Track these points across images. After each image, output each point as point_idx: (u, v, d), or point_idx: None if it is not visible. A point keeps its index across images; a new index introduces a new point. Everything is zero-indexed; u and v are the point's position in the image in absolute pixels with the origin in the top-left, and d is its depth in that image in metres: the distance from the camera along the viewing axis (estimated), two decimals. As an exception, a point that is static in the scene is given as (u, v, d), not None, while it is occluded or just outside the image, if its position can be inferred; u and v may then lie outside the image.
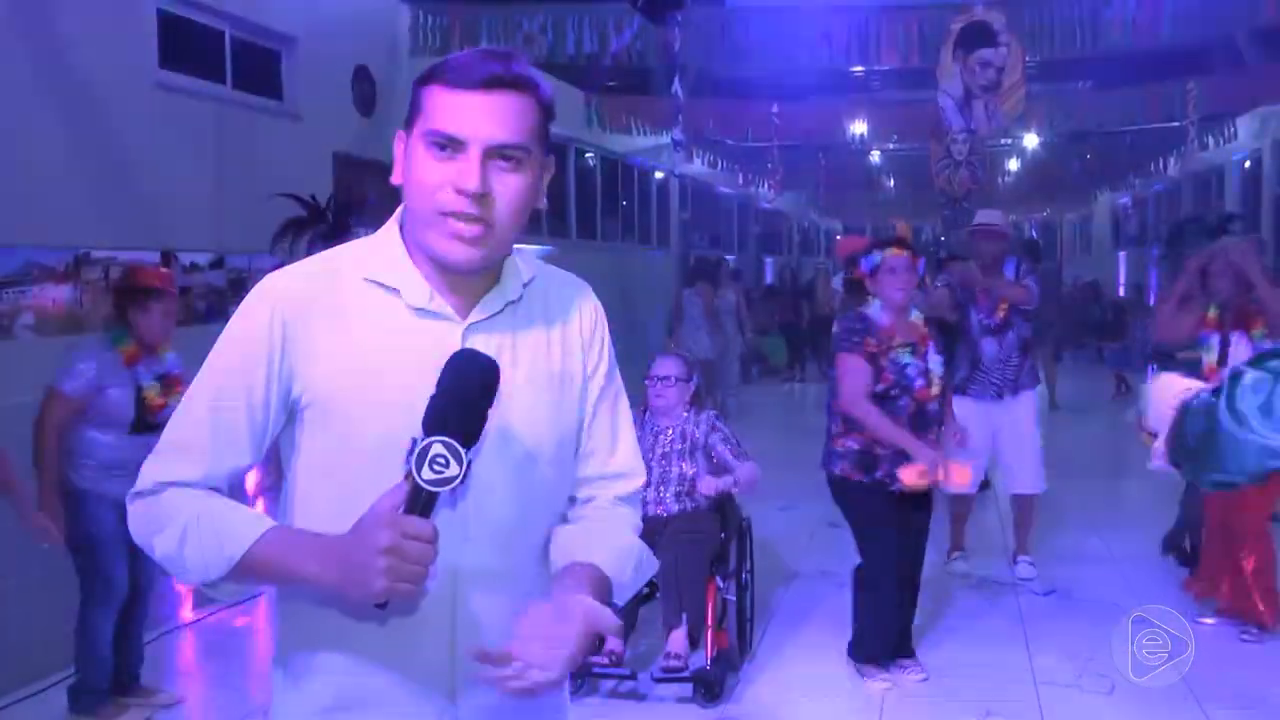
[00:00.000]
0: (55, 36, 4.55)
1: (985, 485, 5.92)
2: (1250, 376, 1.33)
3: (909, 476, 3.90)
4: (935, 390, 4.07)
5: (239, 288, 5.54)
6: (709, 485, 4.24)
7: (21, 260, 4.34)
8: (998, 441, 5.47)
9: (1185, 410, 1.44)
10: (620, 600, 1.48)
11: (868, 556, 4.09)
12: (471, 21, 7.76)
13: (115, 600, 3.82)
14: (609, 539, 1.50)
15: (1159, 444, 1.52)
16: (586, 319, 1.55)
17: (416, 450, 1.24)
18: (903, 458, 3.93)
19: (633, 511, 1.58)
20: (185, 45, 5.56)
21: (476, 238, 1.35)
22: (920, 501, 4.11)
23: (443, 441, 1.24)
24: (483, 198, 1.34)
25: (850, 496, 4.12)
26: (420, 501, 1.25)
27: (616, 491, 1.57)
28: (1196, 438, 1.40)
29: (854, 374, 3.94)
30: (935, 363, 4.08)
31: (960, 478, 4.05)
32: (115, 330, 3.76)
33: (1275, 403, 1.29)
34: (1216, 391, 1.39)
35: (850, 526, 4.20)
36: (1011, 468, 5.54)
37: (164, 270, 4.35)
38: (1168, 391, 1.53)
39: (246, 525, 1.33)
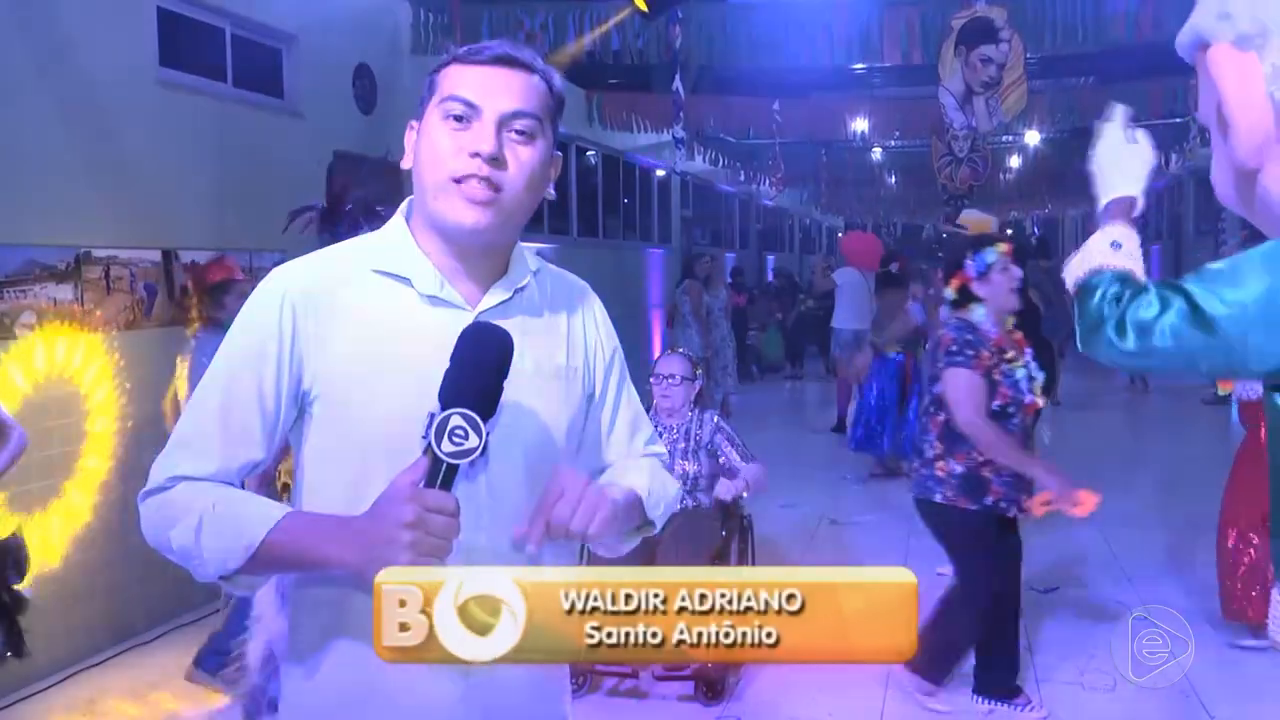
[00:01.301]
0: (55, 35, 4.55)
1: None
2: (1150, 297, 1.39)
3: (1037, 507, 3.57)
4: (1041, 401, 3.79)
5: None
6: (726, 491, 4.25)
7: (22, 259, 4.33)
8: None
9: (1099, 282, 1.49)
10: (654, 514, 1.54)
11: (975, 586, 3.77)
12: (473, 19, 7.75)
13: None
14: (617, 469, 1.58)
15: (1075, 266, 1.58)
16: (590, 316, 1.58)
17: (435, 423, 1.24)
18: (1014, 477, 3.64)
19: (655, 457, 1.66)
20: (186, 43, 5.55)
21: (488, 201, 1.36)
22: (1011, 522, 3.84)
23: (461, 413, 1.24)
24: (496, 160, 1.36)
25: (955, 525, 3.76)
26: (440, 475, 1.25)
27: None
28: (1088, 316, 1.48)
29: (972, 391, 3.59)
30: (1034, 368, 3.80)
31: (1088, 504, 3.53)
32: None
33: (1157, 328, 1.36)
34: (1120, 294, 1.44)
35: (952, 556, 3.90)
36: None
37: (225, 262, 4.42)
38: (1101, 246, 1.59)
39: (263, 512, 1.33)
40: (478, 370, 1.28)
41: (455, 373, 1.28)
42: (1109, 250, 1.56)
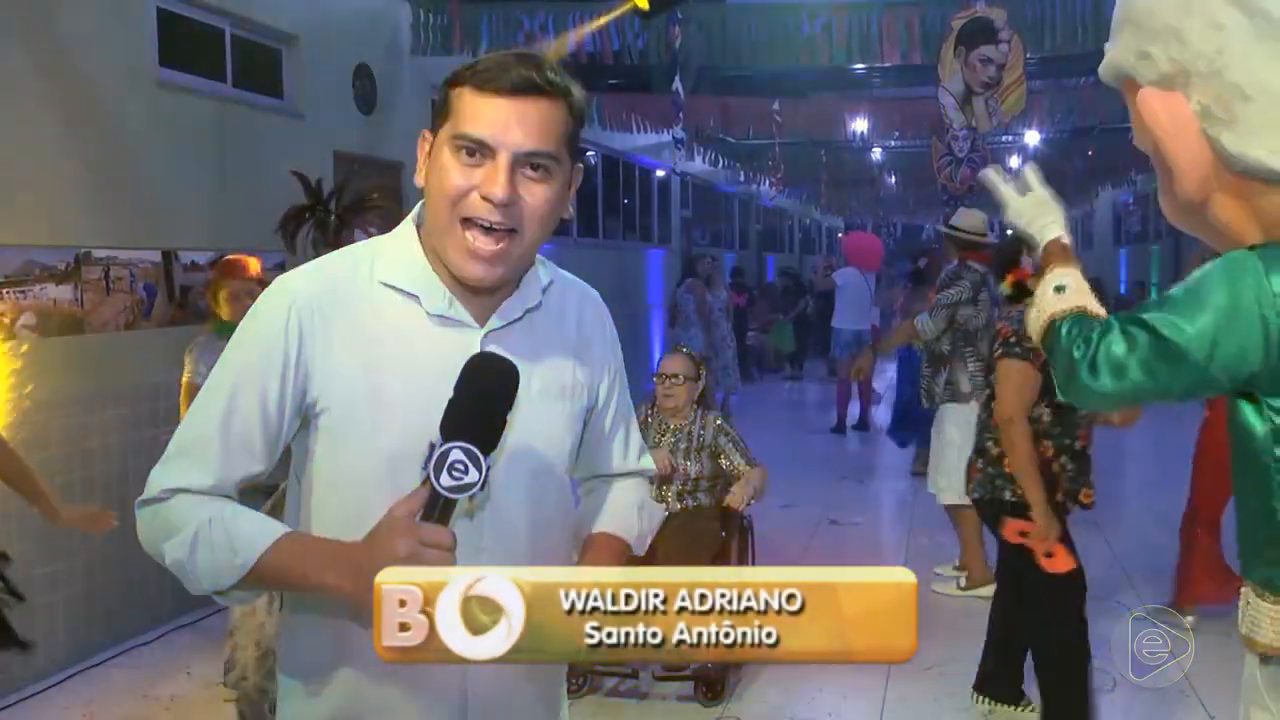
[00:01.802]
0: (55, 35, 4.55)
1: None
2: (1115, 335, 1.45)
3: (1010, 531, 3.39)
4: None
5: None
6: (739, 500, 4.25)
7: (22, 260, 4.33)
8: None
9: (1059, 330, 1.57)
10: (640, 550, 1.57)
11: (1051, 596, 3.45)
12: (472, 20, 7.75)
13: None
14: (609, 503, 1.57)
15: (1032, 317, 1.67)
16: (600, 328, 1.56)
17: (435, 456, 1.22)
18: (1076, 470, 3.44)
19: (638, 479, 1.64)
20: (185, 43, 5.55)
21: (496, 255, 1.33)
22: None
23: (462, 447, 1.22)
24: (509, 206, 1.32)
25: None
26: (438, 508, 1.23)
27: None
28: (1060, 363, 1.54)
29: (1022, 385, 3.40)
30: None
31: (1057, 564, 3.33)
32: (220, 324, 4.07)
33: (1129, 365, 1.43)
34: (1088, 335, 1.49)
35: (1019, 557, 3.53)
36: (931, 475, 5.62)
37: (238, 260, 4.29)
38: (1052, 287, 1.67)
39: (259, 531, 1.31)
40: (481, 403, 1.26)
41: (458, 405, 1.25)
42: (1055, 297, 1.63)
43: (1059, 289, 1.64)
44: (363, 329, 1.37)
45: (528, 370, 1.34)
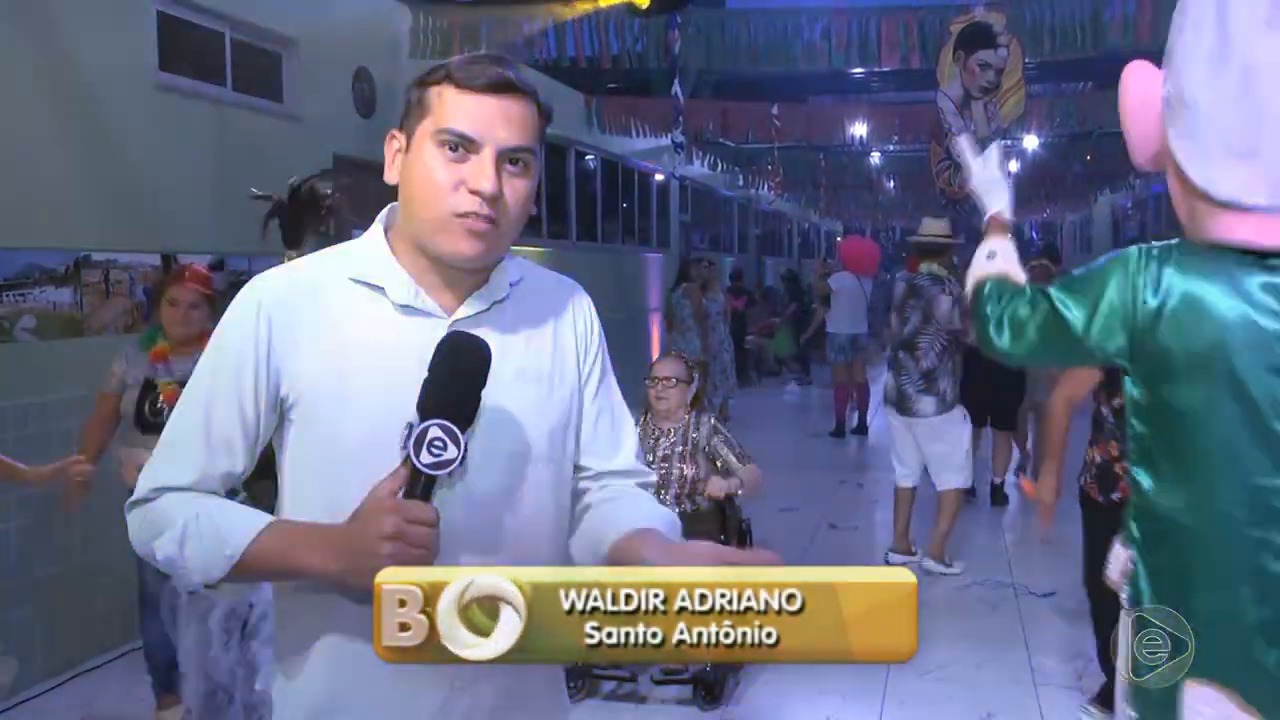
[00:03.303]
0: (55, 38, 4.55)
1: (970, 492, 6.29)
2: (1023, 300, 1.77)
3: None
4: None
5: (239, 290, 5.54)
6: (716, 487, 4.21)
7: (22, 263, 4.34)
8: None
9: (981, 289, 1.85)
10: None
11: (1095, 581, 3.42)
12: (471, 23, 7.76)
13: (151, 601, 3.79)
14: (652, 508, 1.50)
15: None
16: (580, 318, 1.56)
17: (414, 434, 1.25)
18: None
19: (650, 496, 1.59)
20: (185, 47, 5.55)
21: (486, 232, 1.37)
22: None
23: (439, 424, 1.25)
24: (495, 199, 1.35)
25: (1086, 514, 3.68)
26: (420, 486, 1.26)
27: (629, 484, 1.58)
28: (977, 319, 1.84)
29: (1072, 374, 3.48)
30: None
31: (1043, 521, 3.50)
32: (148, 331, 3.93)
33: (1027, 327, 1.73)
34: (1001, 296, 1.80)
35: (1084, 549, 3.74)
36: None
37: (187, 267, 4.05)
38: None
39: (245, 522, 1.34)
40: (455, 381, 1.29)
41: (432, 383, 1.28)
42: (985, 261, 1.92)
43: (990, 255, 1.91)
44: (330, 323, 1.40)
45: (500, 355, 1.36)
